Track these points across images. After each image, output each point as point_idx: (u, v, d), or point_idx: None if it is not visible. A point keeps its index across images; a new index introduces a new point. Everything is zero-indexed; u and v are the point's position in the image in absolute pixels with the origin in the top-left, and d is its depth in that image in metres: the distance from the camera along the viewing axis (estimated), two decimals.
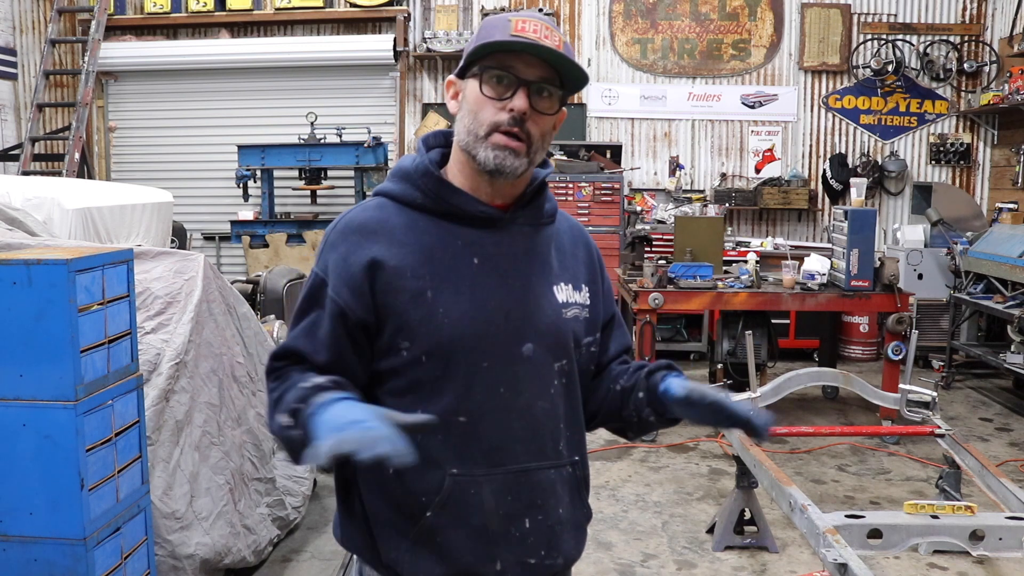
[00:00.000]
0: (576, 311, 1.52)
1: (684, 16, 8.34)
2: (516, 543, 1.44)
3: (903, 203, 8.33)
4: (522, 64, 1.39)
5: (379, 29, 8.48)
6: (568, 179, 7.52)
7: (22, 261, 2.36)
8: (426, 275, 1.41)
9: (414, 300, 1.40)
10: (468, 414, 1.41)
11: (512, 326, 1.43)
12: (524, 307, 1.45)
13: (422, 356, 1.40)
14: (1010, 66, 7.63)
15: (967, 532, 2.77)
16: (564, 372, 1.49)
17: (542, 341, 1.46)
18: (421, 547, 1.42)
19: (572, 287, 1.52)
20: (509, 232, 1.47)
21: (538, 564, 1.47)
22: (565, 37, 1.57)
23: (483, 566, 1.43)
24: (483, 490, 1.41)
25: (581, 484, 1.55)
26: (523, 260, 1.47)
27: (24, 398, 2.39)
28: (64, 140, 7.98)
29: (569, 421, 1.51)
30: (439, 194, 1.45)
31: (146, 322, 3.09)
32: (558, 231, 1.56)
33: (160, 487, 2.96)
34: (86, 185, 5.52)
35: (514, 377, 1.43)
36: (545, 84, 1.41)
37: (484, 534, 1.42)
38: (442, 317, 1.39)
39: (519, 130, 1.39)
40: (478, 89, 1.41)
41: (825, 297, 5.46)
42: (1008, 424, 5.85)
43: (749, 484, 3.79)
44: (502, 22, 1.40)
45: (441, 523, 1.40)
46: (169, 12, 8.48)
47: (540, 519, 1.46)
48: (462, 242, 1.44)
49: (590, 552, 3.86)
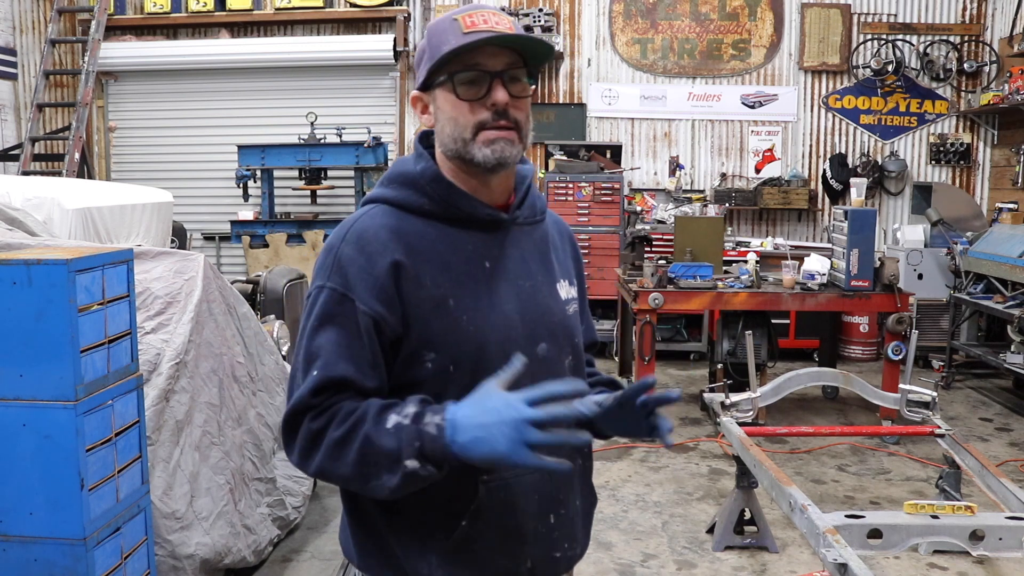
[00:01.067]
0: (574, 306, 1.55)
1: (684, 16, 8.34)
2: (544, 539, 1.47)
3: (903, 203, 8.33)
4: (486, 57, 1.39)
5: (379, 29, 8.49)
6: (568, 179, 7.51)
7: (22, 261, 2.36)
8: (445, 283, 1.39)
9: (437, 309, 1.37)
10: None
11: (528, 328, 1.44)
12: (535, 308, 1.46)
13: (450, 366, 1.37)
14: (1010, 66, 7.63)
15: (967, 532, 2.77)
16: (572, 368, 1.52)
17: (554, 340, 1.48)
18: (456, 556, 1.40)
19: (567, 283, 1.55)
20: (511, 234, 1.48)
21: (562, 557, 1.51)
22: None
23: (516, 568, 1.44)
24: (514, 493, 1.41)
25: (588, 472, 1.59)
26: (528, 261, 1.48)
27: (24, 398, 2.39)
28: (64, 140, 7.99)
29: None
30: (449, 200, 1.43)
31: (146, 322, 3.09)
32: (548, 228, 1.58)
33: (160, 487, 2.95)
34: (86, 185, 5.52)
35: (532, 378, 1.38)
36: (513, 69, 1.41)
37: (516, 536, 1.43)
38: (467, 324, 1.38)
39: (506, 121, 1.40)
40: (453, 96, 1.40)
41: (825, 297, 5.46)
42: (1008, 424, 5.85)
43: (749, 484, 3.79)
44: (449, 24, 1.40)
45: (477, 530, 1.39)
46: (169, 12, 8.49)
47: (563, 513, 1.49)
48: (472, 247, 1.43)
49: (590, 552, 3.85)
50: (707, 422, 5.77)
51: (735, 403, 4.03)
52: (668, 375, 7.17)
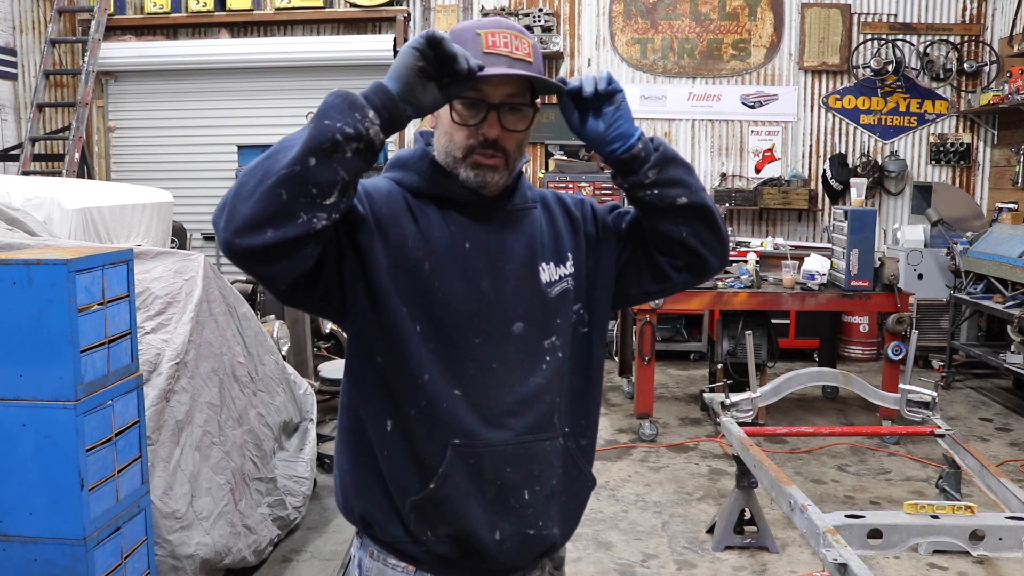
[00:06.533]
0: (563, 286, 1.54)
1: (684, 16, 8.34)
2: (516, 514, 1.49)
3: (903, 203, 8.33)
4: (491, 86, 1.40)
5: (379, 29, 8.48)
6: (568, 179, 7.52)
7: (22, 261, 2.36)
8: (424, 248, 1.44)
9: (413, 268, 1.43)
10: (463, 388, 1.45)
11: (503, 307, 1.47)
12: (513, 289, 1.49)
13: (416, 326, 1.43)
14: (1010, 66, 7.63)
15: (967, 532, 2.78)
16: (556, 347, 1.53)
17: (531, 321, 1.50)
18: (426, 513, 1.46)
19: (555, 263, 1.54)
20: (497, 218, 1.50)
21: (536, 535, 1.52)
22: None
23: (483, 535, 1.47)
24: (482, 460, 1.45)
25: (577, 454, 1.57)
26: (509, 245, 1.50)
27: (24, 398, 2.39)
28: (64, 140, 7.98)
29: (566, 394, 1.55)
30: (433, 177, 1.48)
31: (146, 322, 3.09)
32: (543, 211, 1.59)
33: (160, 487, 2.95)
34: (86, 185, 5.52)
35: (506, 354, 1.47)
36: (515, 101, 1.42)
37: (483, 504, 1.46)
38: (437, 291, 1.43)
39: (493, 150, 1.43)
40: (449, 113, 1.42)
41: (825, 297, 5.46)
42: (1008, 424, 5.85)
43: (749, 484, 3.79)
44: (471, 37, 1.40)
45: (445, 492, 1.44)
46: (169, 12, 8.48)
47: (538, 490, 1.51)
48: (455, 227, 1.47)
49: (590, 552, 3.87)
50: (707, 422, 5.77)
51: (735, 403, 4.03)
52: (668, 375, 7.17)
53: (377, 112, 1.27)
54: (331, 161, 1.24)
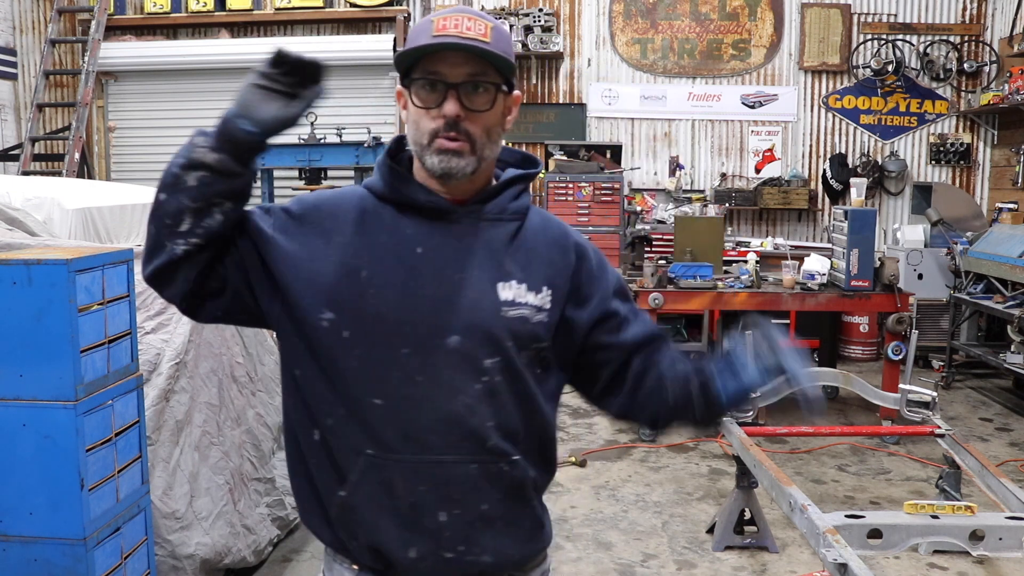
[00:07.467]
0: (525, 312, 1.44)
1: (684, 16, 8.34)
2: (431, 535, 1.43)
3: (903, 203, 8.33)
4: (447, 66, 1.38)
5: (379, 29, 8.49)
6: (568, 179, 7.51)
7: (22, 261, 2.36)
8: (365, 256, 1.43)
9: (347, 276, 1.42)
10: (385, 397, 1.40)
11: (440, 317, 1.40)
12: (456, 300, 1.41)
13: (343, 331, 1.41)
14: (1010, 66, 7.63)
15: (967, 532, 2.77)
16: (499, 369, 1.42)
17: (471, 336, 1.41)
18: (339, 521, 1.46)
19: (526, 287, 1.45)
20: (461, 225, 1.45)
21: (456, 559, 1.44)
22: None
23: (396, 551, 1.43)
24: (392, 473, 1.41)
25: (525, 484, 1.48)
26: (468, 254, 1.43)
27: (24, 398, 2.39)
28: (64, 140, 7.98)
29: (507, 418, 1.44)
30: (392, 183, 1.47)
31: (146, 322, 3.09)
32: (528, 230, 1.50)
33: (160, 487, 2.96)
34: (86, 185, 5.52)
35: (434, 368, 1.40)
36: (477, 80, 1.39)
37: (397, 520, 1.42)
38: (371, 296, 1.40)
39: (456, 133, 1.39)
40: (411, 100, 1.42)
41: (825, 297, 5.46)
42: (1008, 424, 5.85)
43: (749, 484, 3.79)
44: (426, 25, 1.40)
45: (356, 501, 1.43)
46: (169, 12, 8.48)
47: (457, 514, 1.43)
48: (411, 231, 1.44)
49: (590, 552, 3.87)
50: None
51: None
52: None
53: (206, 136, 1.43)
54: (176, 192, 1.43)
